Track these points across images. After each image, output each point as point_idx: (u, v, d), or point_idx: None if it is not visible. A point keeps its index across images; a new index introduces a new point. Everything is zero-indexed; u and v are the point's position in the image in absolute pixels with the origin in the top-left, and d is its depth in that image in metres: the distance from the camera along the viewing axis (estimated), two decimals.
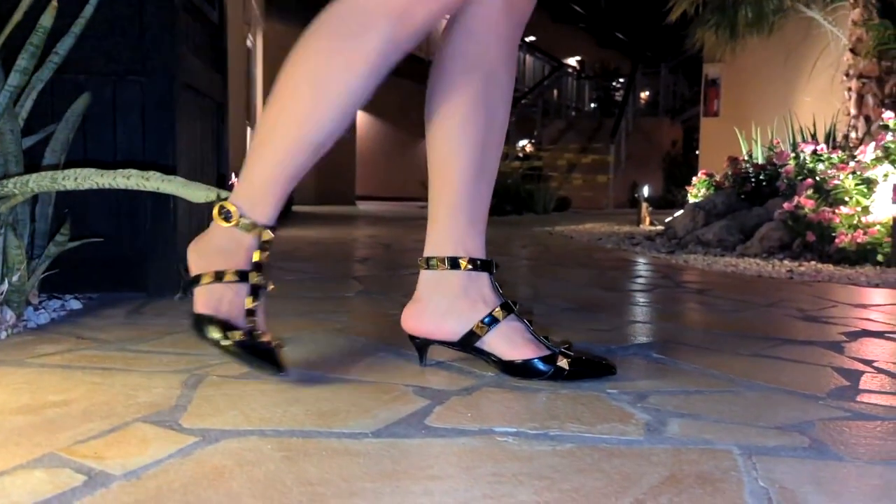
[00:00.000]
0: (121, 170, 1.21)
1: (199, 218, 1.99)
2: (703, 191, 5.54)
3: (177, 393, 0.98)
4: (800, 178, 3.67)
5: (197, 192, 1.18)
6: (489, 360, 1.10)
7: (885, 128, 3.62)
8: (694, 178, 5.74)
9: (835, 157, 3.59)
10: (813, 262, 3.38)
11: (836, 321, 1.72)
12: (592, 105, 18.67)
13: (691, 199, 5.85)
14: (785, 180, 3.76)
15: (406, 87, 16.80)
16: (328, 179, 13.06)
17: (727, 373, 1.17)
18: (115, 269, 1.78)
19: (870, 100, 7.48)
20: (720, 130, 9.78)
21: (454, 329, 1.10)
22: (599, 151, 14.01)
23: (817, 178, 3.54)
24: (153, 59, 1.77)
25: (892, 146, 3.52)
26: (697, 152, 12.09)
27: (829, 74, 8.20)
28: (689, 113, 16.35)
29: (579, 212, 10.45)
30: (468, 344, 1.10)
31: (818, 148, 3.66)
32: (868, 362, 1.28)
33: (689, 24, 8.39)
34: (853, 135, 7.50)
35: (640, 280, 2.58)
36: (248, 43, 9.28)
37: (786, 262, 3.47)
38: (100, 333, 1.36)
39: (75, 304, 1.64)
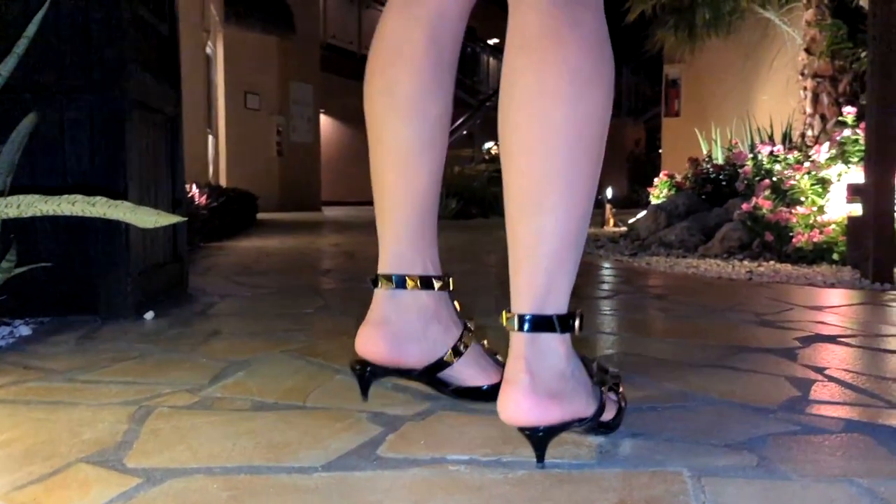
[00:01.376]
0: (66, 195, 1.18)
1: (153, 236, 1.96)
2: (664, 191, 5.61)
3: (123, 428, 0.96)
4: (758, 178, 3.73)
5: (146, 218, 1.15)
6: (444, 389, 1.04)
7: (843, 124, 3.70)
8: (656, 179, 5.80)
9: (791, 157, 3.66)
10: (772, 262, 3.44)
11: (791, 326, 1.74)
12: None
13: (653, 200, 5.92)
14: (744, 181, 3.82)
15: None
16: (293, 186, 12.98)
17: (683, 386, 1.18)
18: (67, 291, 1.74)
19: (824, 98, 7.64)
20: (681, 130, 9.91)
21: (423, 356, 1.01)
22: None
23: (774, 179, 3.59)
24: (102, 76, 1.74)
25: (848, 142, 3.58)
26: (661, 150, 12.25)
27: (786, 73, 8.37)
28: (651, 112, 16.59)
29: None
30: (432, 373, 1.02)
31: (775, 149, 3.72)
32: (820, 370, 1.30)
33: (648, 25, 8.50)
34: (809, 132, 7.65)
35: (604, 286, 2.60)
36: (208, 50, 9.18)
37: (745, 262, 3.52)
38: (48, 362, 1.32)
39: (25, 330, 1.60)
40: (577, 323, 0.85)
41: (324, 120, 14.94)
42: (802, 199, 3.41)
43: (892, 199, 2.96)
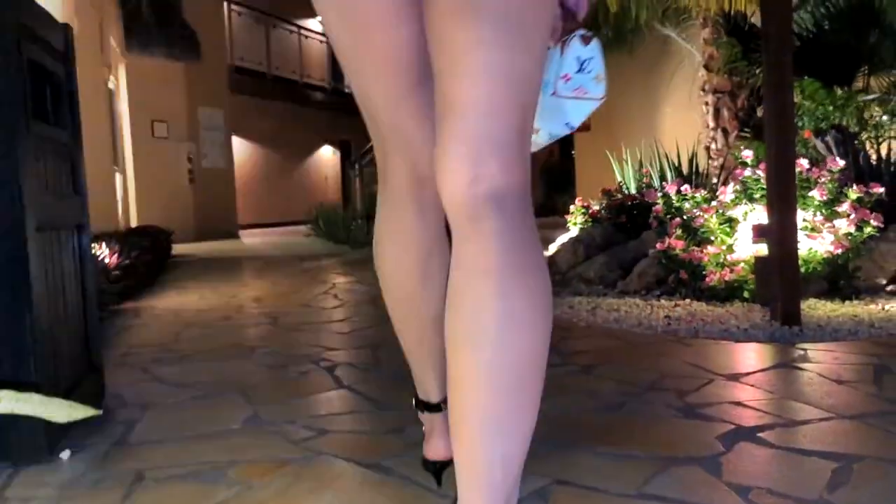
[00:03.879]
0: None
1: (67, 357, 1.87)
2: (580, 218, 5.74)
3: None
4: (668, 216, 3.85)
5: (59, 412, 1.10)
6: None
7: (744, 164, 3.85)
8: (572, 206, 5.93)
9: (698, 196, 3.79)
10: (688, 300, 3.56)
11: (712, 413, 1.81)
12: None
13: (570, 226, 6.03)
14: (655, 219, 3.94)
15: (278, 109, 16.54)
16: (208, 214, 12.65)
17: None
18: None
19: (725, 113, 7.99)
20: (593, 144, 10.16)
21: None
22: None
23: (685, 217, 3.72)
24: None
25: (750, 181, 3.74)
26: (574, 153, 12.51)
27: (687, 87, 8.69)
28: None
29: None
30: None
31: (682, 188, 3.86)
32: (745, 491, 1.35)
33: None
34: (713, 146, 8.00)
35: None
36: (110, 84, 8.86)
37: (663, 300, 3.63)
38: None
39: None
40: None
41: (236, 142, 14.63)
42: (712, 237, 3.54)
43: (795, 239, 3.11)
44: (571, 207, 5.98)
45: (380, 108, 1.09)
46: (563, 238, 6.31)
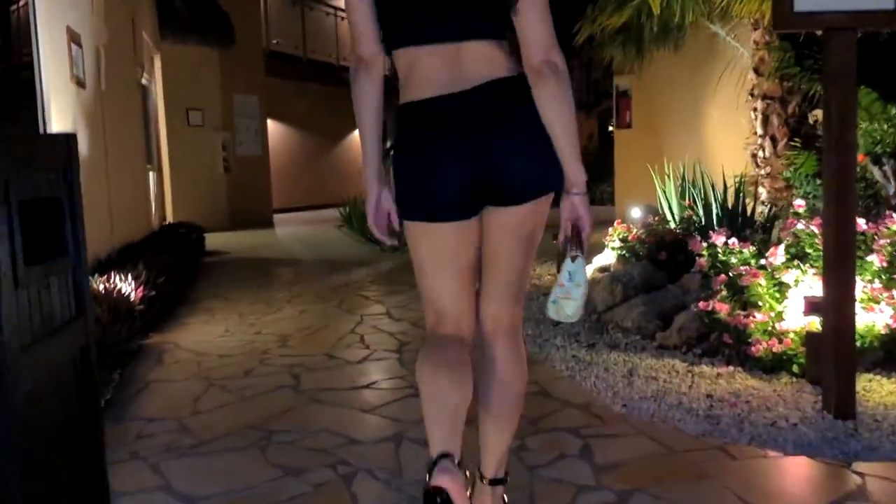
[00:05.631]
0: None
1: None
2: (617, 241, 5.54)
3: None
4: (713, 270, 3.63)
5: None
6: None
7: (797, 215, 3.61)
8: (610, 229, 5.72)
9: (746, 251, 3.56)
10: (731, 367, 3.35)
11: None
12: None
13: (608, 247, 5.83)
14: (699, 273, 3.72)
15: (314, 92, 16.37)
16: (243, 203, 12.62)
17: None
18: None
19: (774, 120, 7.60)
20: (633, 142, 9.84)
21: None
22: None
23: (731, 275, 3.50)
24: None
25: (803, 235, 3.50)
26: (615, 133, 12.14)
27: (735, 89, 8.30)
28: (605, 105, 16.39)
29: None
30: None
31: (730, 242, 3.62)
32: None
33: (593, 42, 8.36)
34: (760, 154, 7.63)
35: (543, 460, 2.47)
36: (144, 81, 8.78)
37: (704, 365, 3.43)
38: None
39: None
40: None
41: (271, 125, 14.54)
42: (759, 303, 3.31)
43: (852, 315, 2.87)
44: (609, 230, 5.78)
45: (441, 296, 1.73)
46: (598, 259, 6.12)
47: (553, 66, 1.55)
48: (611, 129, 12.85)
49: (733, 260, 3.60)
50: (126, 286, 4.39)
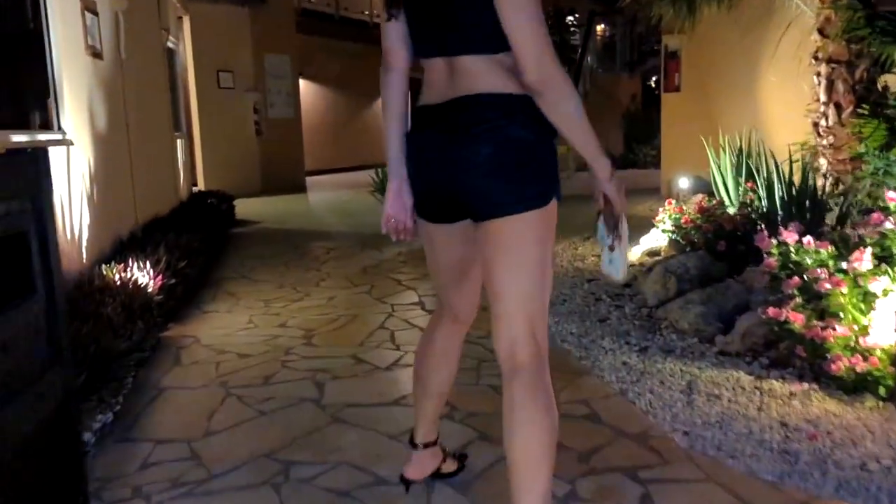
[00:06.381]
0: None
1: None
2: (668, 222, 5.16)
3: None
4: (785, 272, 3.23)
5: None
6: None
7: (884, 209, 3.19)
8: (661, 209, 5.31)
9: (824, 252, 3.14)
10: (805, 385, 2.98)
11: None
12: None
13: (659, 229, 5.44)
14: (768, 275, 3.32)
15: (348, 50, 15.92)
16: (275, 165, 12.36)
17: None
18: None
19: (840, 86, 6.99)
20: (682, 106, 9.28)
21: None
22: None
23: (805, 278, 3.10)
24: None
25: (891, 235, 3.08)
26: (661, 93, 11.54)
27: (795, 51, 7.67)
28: (650, 64, 15.67)
29: None
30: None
31: (805, 241, 3.20)
32: None
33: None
34: (823, 122, 7.04)
35: None
36: (170, 44, 8.46)
37: (774, 380, 3.06)
38: None
39: None
40: None
41: (303, 85, 14.18)
42: (841, 314, 2.92)
43: None
44: (660, 209, 5.38)
45: (443, 285, 1.90)
46: (647, 239, 5.71)
47: (546, 81, 1.49)
48: (657, 90, 12.25)
49: (808, 261, 3.19)
50: (143, 276, 4.13)
